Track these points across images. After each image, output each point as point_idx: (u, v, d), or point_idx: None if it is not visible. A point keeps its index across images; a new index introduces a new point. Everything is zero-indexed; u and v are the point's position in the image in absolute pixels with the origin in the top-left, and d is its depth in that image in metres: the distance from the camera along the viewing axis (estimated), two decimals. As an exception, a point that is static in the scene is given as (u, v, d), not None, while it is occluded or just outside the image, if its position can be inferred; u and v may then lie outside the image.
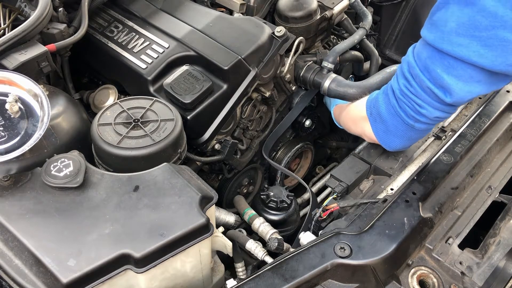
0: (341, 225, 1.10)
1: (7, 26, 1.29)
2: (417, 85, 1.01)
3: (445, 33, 0.90)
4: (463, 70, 0.92)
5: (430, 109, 1.02)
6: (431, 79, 0.98)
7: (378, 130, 1.18)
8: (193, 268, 1.01)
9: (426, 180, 1.14)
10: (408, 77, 1.03)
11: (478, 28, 0.85)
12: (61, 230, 0.90)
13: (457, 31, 0.88)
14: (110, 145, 1.05)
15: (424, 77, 0.99)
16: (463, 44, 0.88)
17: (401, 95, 1.06)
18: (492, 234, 1.10)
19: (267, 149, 1.54)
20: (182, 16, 1.43)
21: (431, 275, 1.02)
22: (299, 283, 0.94)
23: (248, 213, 1.34)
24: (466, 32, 0.87)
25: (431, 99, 1.01)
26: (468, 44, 0.88)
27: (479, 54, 0.87)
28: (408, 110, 1.06)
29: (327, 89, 1.43)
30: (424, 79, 0.99)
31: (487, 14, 0.84)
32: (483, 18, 0.84)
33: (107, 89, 1.37)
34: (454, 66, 0.92)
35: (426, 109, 1.03)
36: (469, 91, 0.95)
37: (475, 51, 0.87)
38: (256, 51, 1.32)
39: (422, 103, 1.02)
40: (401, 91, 1.06)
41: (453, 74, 0.93)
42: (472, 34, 0.87)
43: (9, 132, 0.98)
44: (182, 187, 0.98)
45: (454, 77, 0.94)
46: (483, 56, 0.87)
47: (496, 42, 0.85)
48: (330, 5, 1.56)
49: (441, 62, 0.94)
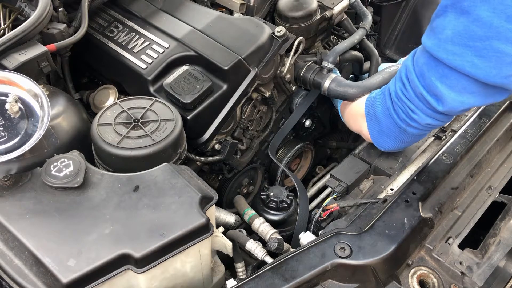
0: (341, 225, 1.10)
1: (7, 26, 1.29)
2: (411, 90, 1.02)
3: (442, 40, 0.90)
4: (456, 80, 0.91)
5: (421, 115, 1.02)
6: (425, 86, 0.98)
7: (373, 129, 1.18)
8: (193, 268, 1.01)
9: (426, 180, 1.14)
10: (404, 81, 1.03)
11: (473, 38, 0.84)
12: (61, 230, 0.90)
13: (453, 40, 0.87)
14: (110, 145, 1.05)
15: (419, 83, 0.98)
16: (458, 53, 0.87)
17: (396, 98, 1.06)
18: (492, 234, 1.10)
19: (274, 148, 1.54)
20: (182, 16, 1.43)
21: (431, 275, 1.02)
22: (299, 283, 0.94)
23: (248, 213, 1.34)
24: (461, 41, 0.86)
25: (423, 106, 1.01)
26: (462, 53, 0.87)
27: (473, 64, 0.86)
28: (401, 113, 1.07)
29: (327, 89, 1.43)
30: (418, 85, 0.99)
31: (482, 25, 0.82)
32: (478, 28, 0.83)
33: (107, 89, 1.37)
34: (447, 75, 0.92)
35: (418, 114, 1.03)
36: (462, 102, 0.94)
37: (469, 61, 0.86)
38: (256, 51, 1.32)
39: (415, 108, 1.02)
40: (397, 94, 1.06)
41: (446, 83, 0.93)
42: (467, 44, 0.85)
43: (9, 132, 0.98)
44: (182, 187, 0.98)
45: (447, 87, 0.93)
46: (477, 66, 0.86)
47: (491, 53, 0.84)
48: (330, 5, 1.56)
49: (436, 70, 0.94)
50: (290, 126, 1.57)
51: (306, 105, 1.58)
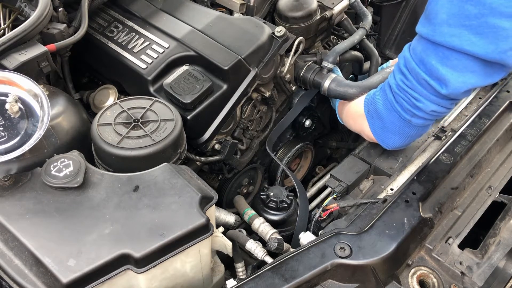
0: (341, 225, 1.10)
1: (7, 26, 1.29)
2: (413, 78, 1.02)
3: (437, 25, 0.92)
4: (457, 60, 0.93)
5: (426, 102, 1.03)
6: (426, 71, 0.99)
7: (375, 127, 1.18)
8: (193, 268, 1.01)
9: (426, 180, 1.14)
10: (404, 71, 1.04)
11: (468, 17, 0.87)
12: (61, 230, 0.90)
13: (448, 22, 0.90)
14: (110, 145, 1.05)
15: (420, 70, 0.99)
16: (455, 34, 0.90)
17: (398, 89, 1.07)
18: (492, 234, 1.10)
19: (271, 142, 1.54)
20: (182, 16, 1.43)
21: (431, 275, 1.02)
22: (299, 283, 0.94)
23: (248, 213, 1.34)
24: (457, 22, 0.89)
25: (427, 92, 1.01)
26: (459, 34, 0.89)
27: (471, 42, 0.89)
28: (404, 104, 1.06)
29: (327, 89, 1.43)
30: (419, 72, 1.00)
31: (476, 3, 0.85)
32: (472, 7, 0.86)
33: (107, 89, 1.37)
34: (448, 56, 0.93)
35: (423, 102, 1.03)
36: (464, 82, 0.95)
37: (467, 39, 0.89)
38: (256, 51, 1.32)
39: (419, 96, 1.03)
40: (398, 86, 1.06)
41: (447, 64, 0.94)
42: (463, 24, 0.88)
43: (9, 132, 0.98)
44: (182, 187, 0.98)
45: (449, 68, 0.94)
46: (475, 44, 0.88)
47: (487, 30, 0.86)
48: (330, 5, 1.56)
49: (435, 53, 0.95)
50: (290, 120, 1.57)
51: (306, 101, 1.58)
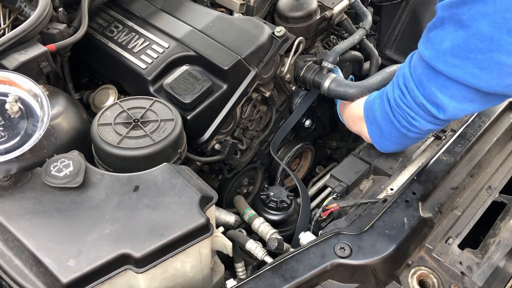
0: (341, 225, 1.10)
1: (7, 26, 1.29)
2: (411, 99, 1.02)
3: (440, 52, 0.90)
4: (457, 91, 0.92)
5: (423, 122, 1.03)
6: (425, 95, 0.98)
7: (374, 133, 1.19)
8: (193, 268, 1.01)
9: (426, 180, 1.14)
10: (403, 89, 1.04)
11: (474, 51, 0.85)
12: (61, 230, 0.90)
13: (452, 52, 0.88)
14: (110, 145, 1.05)
15: (418, 92, 0.99)
16: (458, 65, 0.88)
17: (396, 105, 1.07)
18: (492, 234, 1.10)
19: (275, 146, 1.54)
20: (182, 16, 1.43)
21: (431, 275, 1.02)
22: (299, 283, 0.94)
23: (248, 213, 1.34)
24: (461, 54, 0.87)
25: (424, 113, 1.01)
26: (463, 66, 0.87)
27: (474, 75, 0.87)
28: (401, 120, 1.07)
29: (327, 89, 1.43)
30: (418, 95, 0.99)
31: (483, 38, 0.83)
32: (478, 42, 0.84)
33: (107, 89, 1.37)
34: (448, 86, 0.92)
35: (419, 121, 1.04)
36: (462, 109, 0.95)
37: (470, 72, 0.87)
38: (256, 51, 1.32)
39: (416, 115, 1.03)
40: (396, 102, 1.07)
41: (446, 93, 0.94)
42: (467, 56, 0.86)
43: (9, 132, 0.98)
44: (182, 187, 0.98)
45: (448, 97, 0.94)
46: (478, 77, 0.87)
47: (492, 65, 0.85)
48: (330, 5, 1.56)
49: (435, 80, 0.94)
50: (293, 122, 1.58)
51: (308, 103, 1.58)
